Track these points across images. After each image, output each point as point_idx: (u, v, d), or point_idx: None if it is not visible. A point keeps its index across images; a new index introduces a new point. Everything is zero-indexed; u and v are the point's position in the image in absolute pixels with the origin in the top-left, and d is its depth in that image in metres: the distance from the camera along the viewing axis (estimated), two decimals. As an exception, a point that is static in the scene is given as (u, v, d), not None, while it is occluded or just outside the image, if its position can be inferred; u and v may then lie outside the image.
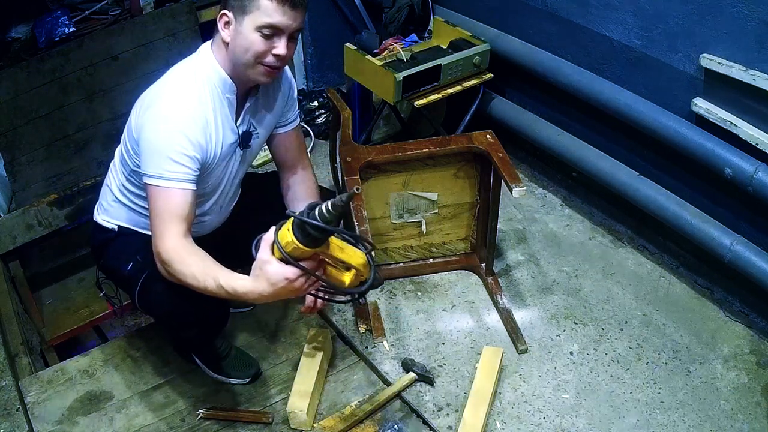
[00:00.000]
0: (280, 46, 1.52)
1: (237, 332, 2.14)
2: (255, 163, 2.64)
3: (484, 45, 2.56)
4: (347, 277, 1.39)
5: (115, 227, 1.80)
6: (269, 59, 1.54)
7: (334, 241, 1.37)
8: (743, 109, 1.93)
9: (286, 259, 1.32)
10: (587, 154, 2.47)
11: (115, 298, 2.09)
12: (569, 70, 2.41)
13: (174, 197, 1.51)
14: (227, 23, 1.54)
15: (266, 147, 1.92)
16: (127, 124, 1.66)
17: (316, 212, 1.27)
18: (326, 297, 1.71)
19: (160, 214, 1.52)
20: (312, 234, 1.28)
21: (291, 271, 1.33)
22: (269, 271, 1.34)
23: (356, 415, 1.88)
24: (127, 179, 1.72)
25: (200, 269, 1.46)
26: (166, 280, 1.53)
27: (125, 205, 1.76)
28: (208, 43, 1.63)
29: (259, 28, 1.49)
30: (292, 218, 1.31)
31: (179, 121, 1.52)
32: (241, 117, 1.67)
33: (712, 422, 1.90)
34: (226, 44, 1.56)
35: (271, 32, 1.50)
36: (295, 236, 1.29)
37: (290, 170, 1.91)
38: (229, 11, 1.52)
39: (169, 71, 1.64)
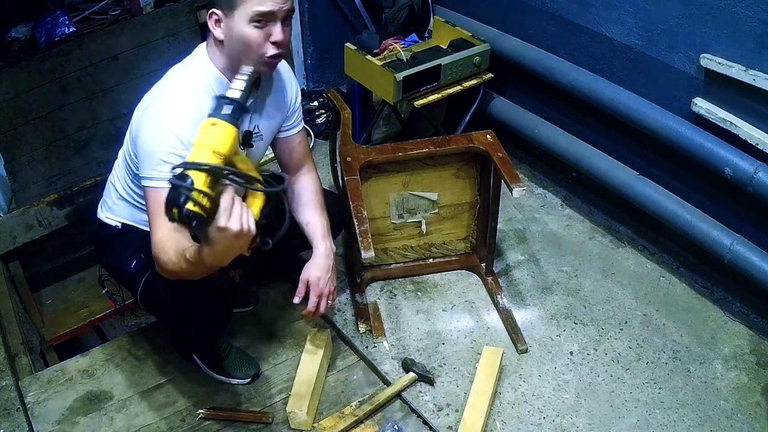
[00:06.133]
0: (276, 32, 1.50)
1: (237, 332, 2.14)
2: (258, 162, 2.65)
3: (484, 45, 2.56)
4: (256, 205, 1.37)
5: (119, 225, 1.80)
6: (269, 49, 1.52)
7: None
8: (743, 109, 1.93)
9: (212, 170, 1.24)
10: (587, 154, 2.47)
11: (117, 296, 2.09)
12: (569, 70, 2.41)
13: None
14: (218, 21, 1.52)
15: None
16: (129, 127, 1.67)
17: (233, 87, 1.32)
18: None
19: (154, 214, 1.51)
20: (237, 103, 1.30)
21: (225, 200, 1.26)
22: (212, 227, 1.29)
23: (356, 415, 1.88)
24: (132, 180, 1.72)
25: (179, 252, 1.43)
26: (169, 279, 1.53)
27: (129, 202, 1.77)
28: (203, 45, 1.63)
29: (252, 19, 1.48)
30: (209, 119, 1.30)
31: (170, 123, 1.52)
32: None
33: (712, 422, 1.91)
34: (221, 42, 1.55)
35: (264, 21, 1.48)
36: (222, 117, 1.29)
37: (294, 174, 1.91)
38: (217, 9, 1.51)
39: (166, 74, 1.64)
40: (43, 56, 2.36)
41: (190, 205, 1.20)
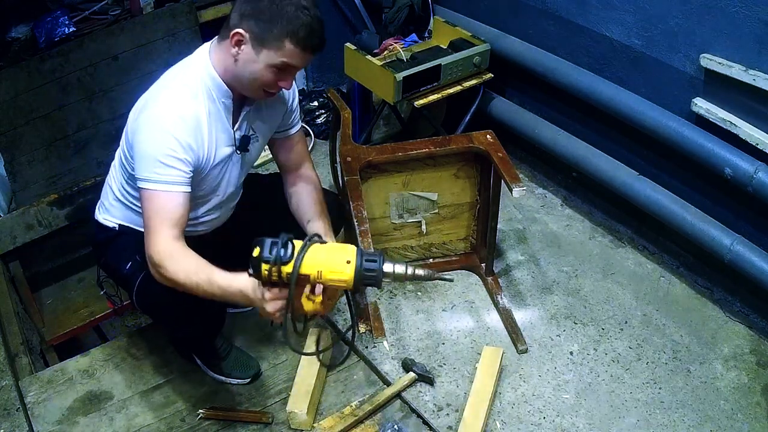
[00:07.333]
0: (289, 81, 1.57)
1: (237, 332, 2.14)
2: (255, 163, 2.65)
3: (484, 45, 2.56)
4: (316, 308, 1.45)
5: (116, 226, 1.80)
6: (272, 88, 1.57)
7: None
8: (743, 109, 1.93)
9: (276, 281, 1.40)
10: (587, 154, 2.47)
11: (115, 297, 2.09)
12: (569, 70, 2.41)
13: (165, 200, 1.51)
14: (240, 42, 1.50)
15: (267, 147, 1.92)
16: (125, 128, 1.66)
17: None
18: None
19: (151, 217, 1.51)
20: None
21: (274, 291, 1.42)
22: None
23: (356, 415, 1.88)
24: (127, 182, 1.72)
25: (192, 268, 1.47)
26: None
27: (125, 204, 1.76)
28: (206, 45, 1.61)
29: (275, 65, 1.50)
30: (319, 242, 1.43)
31: (168, 124, 1.51)
32: (239, 122, 1.66)
33: (712, 422, 1.91)
34: (233, 58, 1.53)
35: (285, 69, 1.53)
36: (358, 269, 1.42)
37: (292, 174, 1.90)
38: (245, 32, 1.48)
39: (163, 74, 1.63)
40: (43, 56, 2.36)
41: (263, 267, 1.38)
